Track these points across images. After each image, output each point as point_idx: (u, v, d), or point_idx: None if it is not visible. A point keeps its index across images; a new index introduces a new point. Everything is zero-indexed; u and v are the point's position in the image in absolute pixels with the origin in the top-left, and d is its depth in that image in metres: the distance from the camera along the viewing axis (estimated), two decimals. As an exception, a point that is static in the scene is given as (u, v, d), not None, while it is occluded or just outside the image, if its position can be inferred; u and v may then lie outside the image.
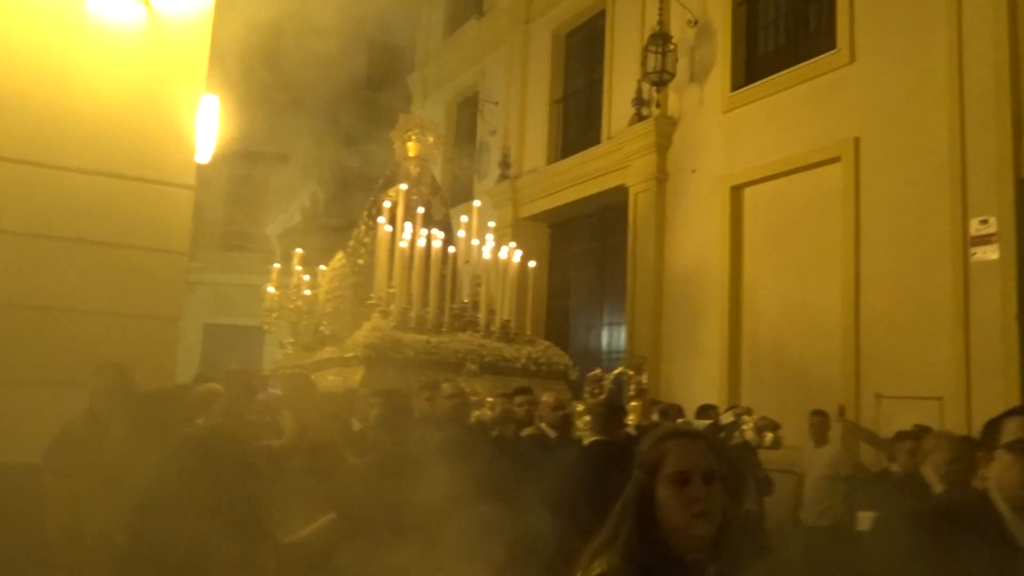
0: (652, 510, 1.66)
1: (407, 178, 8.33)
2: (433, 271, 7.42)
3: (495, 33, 13.93)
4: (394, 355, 6.79)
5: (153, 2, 4.70)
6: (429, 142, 8.88)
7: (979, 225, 6.55)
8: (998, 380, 6.22)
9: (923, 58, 7.14)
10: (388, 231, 7.50)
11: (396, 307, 7.21)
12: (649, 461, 1.71)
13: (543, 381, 6.97)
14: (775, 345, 8.37)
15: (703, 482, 1.65)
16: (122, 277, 4.37)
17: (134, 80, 4.58)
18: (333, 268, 8.11)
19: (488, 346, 7.37)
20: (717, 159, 9.18)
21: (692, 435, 1.77)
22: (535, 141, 12.60)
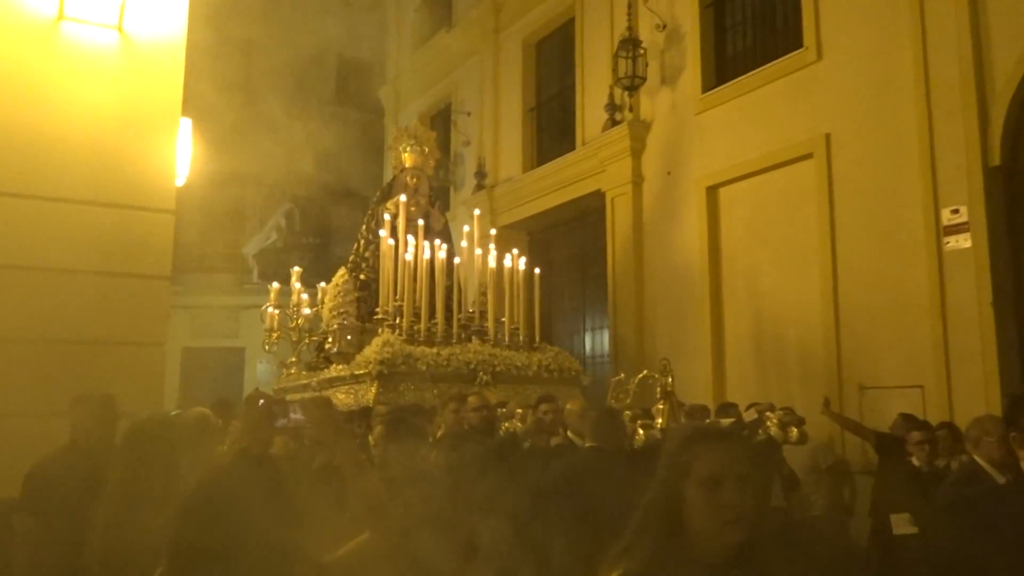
0: (679, 514, 1.59)
1: (404, 189, 8.33)
2: (438, 282, 7.45)
3: (465, 44, 13.98)
4: (407, 370, 6.83)
5: (126, 27, 4.69)
6: (424, 152, 8.86)
7: (951, 215, 6.67)
8: (977, 366, 6.34)
9: (889, 53, 7.28)
10: (391, 244, 7.49)
11: (404, 320, 7.22)
12: (679, 463, 1.62)
13: (556, 387, 7.00)
14: (758, 341, 8.46)
15: (736, 487, 1.57)
16: (106, 305, 4.34)
17: (110, 106, 4.56)
18: (335, 284, 8.09)
19: (499, 355, 7.41)
20: (692, 160, 9.28)
21: (725, 436, 1.69)
22: (510, 150, 12.65)
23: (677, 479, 1.62)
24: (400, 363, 6.80)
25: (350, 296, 7.91)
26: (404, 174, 8.70)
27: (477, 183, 12.84)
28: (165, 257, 4.75)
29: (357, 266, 8.51)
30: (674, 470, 1.63)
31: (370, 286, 8.21)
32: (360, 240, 8.80)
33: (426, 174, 8.87)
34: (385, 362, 6.72)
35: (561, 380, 7.60)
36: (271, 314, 8.58)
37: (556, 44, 12.30)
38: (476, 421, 4.62)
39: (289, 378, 8.50)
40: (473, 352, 7.26)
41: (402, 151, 8.84)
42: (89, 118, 4.50)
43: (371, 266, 8.30)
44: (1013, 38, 6.40)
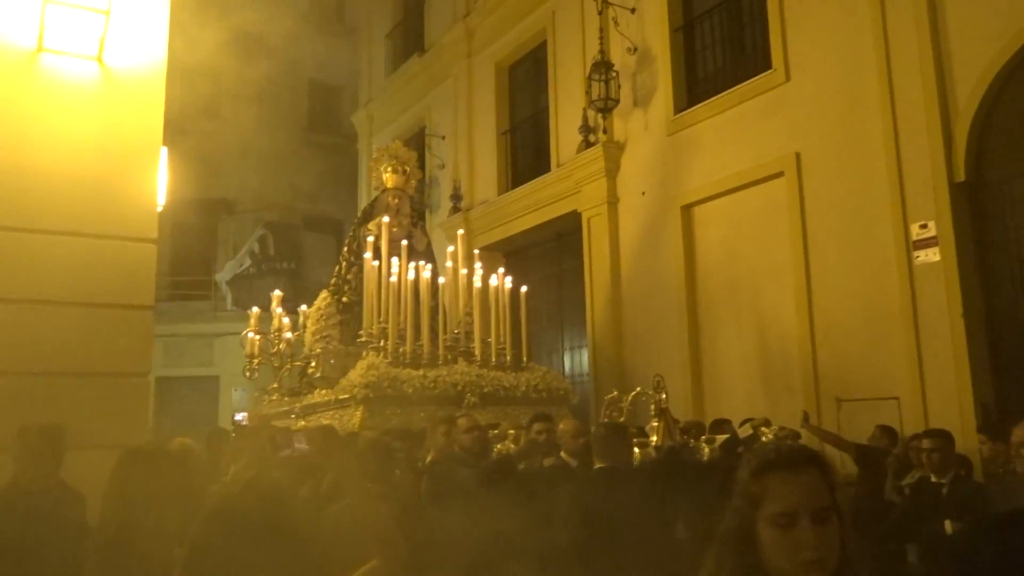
0: (754, 548, 1.45)
1: (386, 210, 8.22)
2: (423, 303, 7.35)
3: (438, 68, 14.10)
4: (393, 393, 6.70)
5: (106, 59, 4.69)
6: (405, 172, 8.78)
7: (919, 229, 6.85)
8: (950, 376, 6.49)
9: (855, 74, 7.48)
10: (375, 266, 7.38)
11: (390, 343, 7.09)
12: (750, 494, 1.48)
13: (545, 408, 6.87)
14: (736, 357, 8.57)
15: (813, 523, 1.41)
16: (89, 336, 4.30)
17: (91, 137, 4.55)
18: (317, 308, 7.97)
19: (486, 376, 7.30)
20: (666, 180, 9.42)
21: (798, 465, 1.48)
22: (485, 172, 12.74)
23: (749, 511, 1.47)
24: (386, 386, 6.68)
25: (333, 319, 7.83)
26: (385, 194, 8.61)
27: (453, 206, 12.90)
28: (148, 286, 4.71)
29: (339, 289, 8.41)
30: (746, 501, 1.48)
31: (353, 309, 8.09)
32: (342, 262, 8.69)
33: (408, 194, 8.79)
34: (371, 385, 6.61)
35: (550, 400, 7.51)
36: (251, 339, 8.42)
37: (529, 67, 12.45)
38: (468, 443, 4.54)
39: (271, 404, 8.37)
40: (460, 373, 7.15)
41: (383, 171, 8.76)
42: (70, 149, 4.48)
43: (354, 288, 8.19)
44: (973, 59, 6.62)
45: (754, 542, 1.45)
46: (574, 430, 4.82)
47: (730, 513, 1.51)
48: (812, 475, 1.46)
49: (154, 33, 4.96)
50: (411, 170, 8.86)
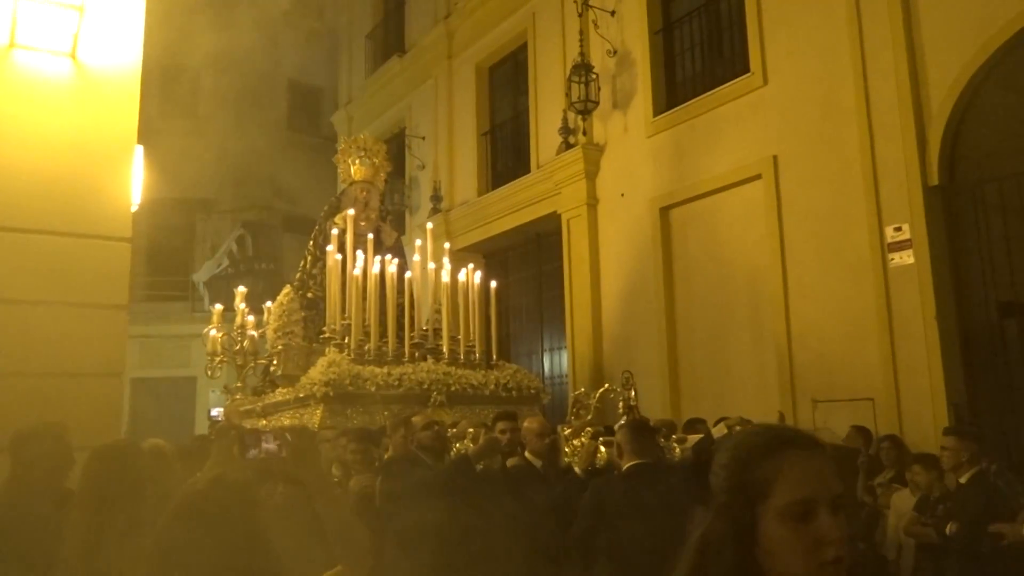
0: (752, 554, 1.17)
1: (354, 203, 7.99)
2: (389, 299, 7.10)
3: (419, 69, 14.08)
4: (355, 391, 6.47)
5: (80, 55, 4.63)
6: (375, 164, 8.51)
7: (894, 232, 6.93)
8: (924, 378, 6.57)
9: (832, 78, 7.56)
10: (338, 259, 7.13)
11: (352, 339, 6.84)
12: (751, 483, 1.20)
13: (515, 407, 6.61)
14: (712, 358, 8.62)
15: (834, 513, 1.16)
16: (62, 336, 4.25)
17: (64, 134, 4.49)
18: (280, 303, 7.66)
19: (454, 374, 7.06)
20: (644, 182, 9.47)
21: (812, 444, 1.24)
22: (465, 173, 12.74)
23: (747, 506, 1.19)
24: (347, 384, 6.44)
25: (296, 315, 7.52)
26: (353, 187, 8.38)
27: (433, 206, 12.88)
28: (122, 286, 4.66)
29: (304, 284, 8.17)
30: (743, 493, 1.20)
31: (318, 305, 7.84)
32: (307, 256, 8.43)
33: (377, 188, 8.55)
34: (331, 383, 6.36)
35: (520, 399, 7.30)
36: (213, 337, 8.22)
37: (509, 69, 12.47)
38: (426, 441, 4.25)
39: (235, 404, 8.08)
40: (426, 371, 6.92)
41: (350, 163, 8.50)
42: (43, 146, 4.43)
43: (319, 283, 7.95)
44: (948, 64, 6.72)
45: (750, 545, 1.17)
46: (539, 429, 4.68)
47: (715, 514, 1.23)
48: (825, 456, 1.22)
49: (129, 29, 4.91)
50: (380, 162, 8.58)
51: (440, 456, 4.30)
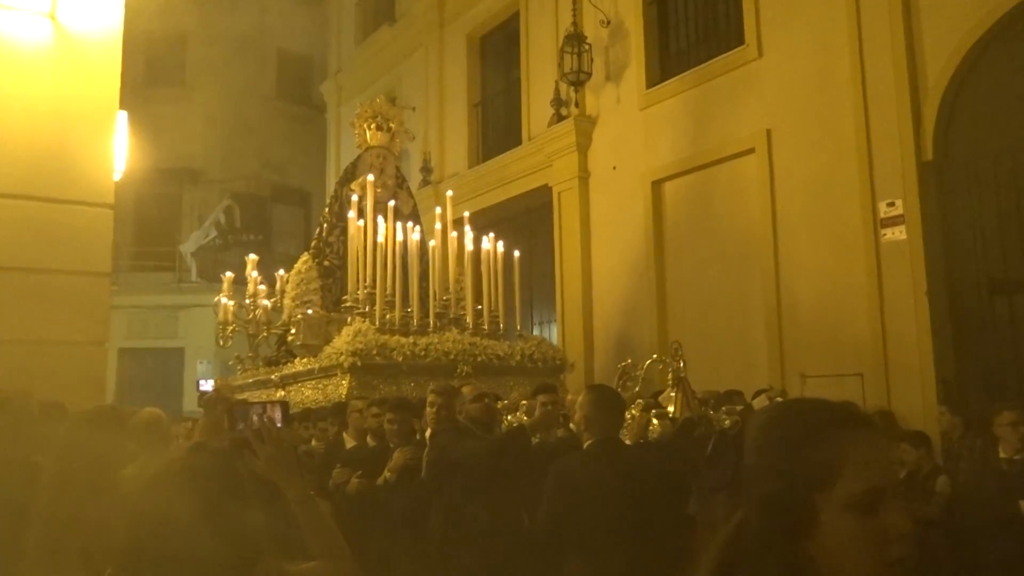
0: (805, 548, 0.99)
1: (370, 169, 7.75)
2: (412, 267, 6.93)
3: (409, 38, 13.88)
4: (382, 361, 6.32)
5: (60, 18, 4.51)
6: (390, 130, 8.30)
7: (887, 208, 6.89)
8: (913, 354, 6.57)
9: (827, 52, 7.47)
10: (359, 226, 6.91)
11: (378, 308, 6.66)
12: (809, 467, 1.01)
13: (540, 378, 6.43)
14: (703, 333, 8.60)
15: (902, 505, 1.02)
16: (44, 303, 4.18)
17: (45, 97, 4.39)
18: (298, 272, 7.51)
19: (479, 344, 6.90)
20: (637, 155, 9.39)
21: (872, 424, 1.08)
22: (456, 145, 12.61)
23: (803, 494, 1.00)
24: (375, 354, 6.28)
25: (314, 284, 7.42)
26: (368, 153, 8.12)
27: (423, 178, 12.76)
28: (105, 253, 4.59)
29: (320, 252, 7.95)
30: (798, 479, 1.01)
31: (335, 273, 7.72)
32: (323, 224, 8.23)
33: (392, 154, 8.31)
34: (358, 353, 6.20)
35: (545, 370, 7.14)
36: (225, 305, 8.05)
37: (501, 39, 12.30)
38: (476, 413, 4.12)
39: (247, 374, 8.01)
40: (452, 342, 6.74)
41: (365, 129, 8.25)
42: (23, 110, 4.33)
43: (336, 252, 7.80)
44: (943, 39, 6.64)
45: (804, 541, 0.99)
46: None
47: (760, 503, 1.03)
48: (886, 439, 1.09)
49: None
50: (396, 128, 8.37)
51: (489, 429, 4.19)
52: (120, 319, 15.71)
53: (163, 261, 17.74)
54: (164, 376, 16.80)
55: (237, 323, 8.06)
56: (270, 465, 1.83)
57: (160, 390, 15.68)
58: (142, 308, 16.60)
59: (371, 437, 4.86)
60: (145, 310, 16.73)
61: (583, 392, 3.62)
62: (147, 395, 13.34)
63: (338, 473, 4.48)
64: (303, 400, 6.75)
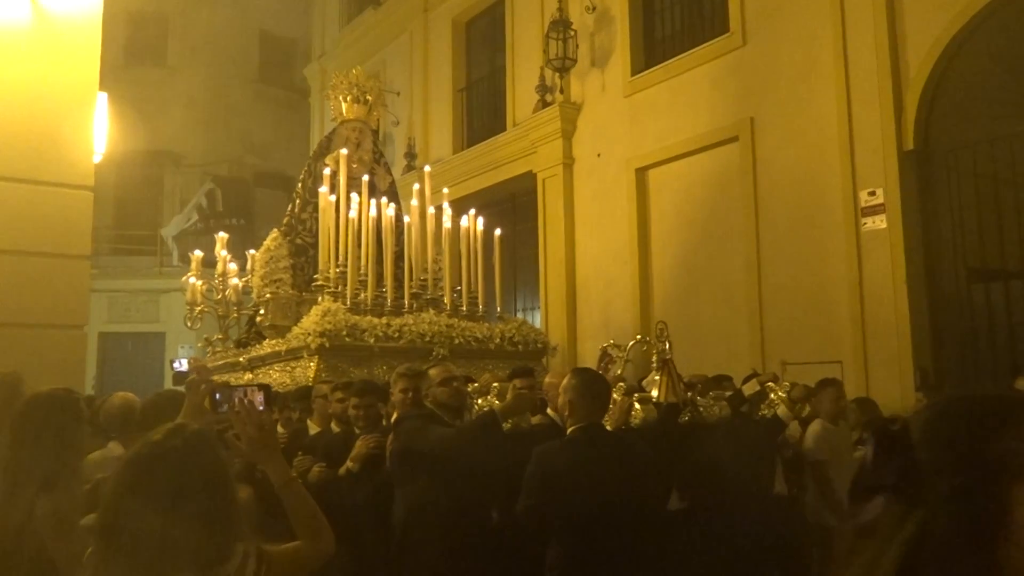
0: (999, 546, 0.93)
1: (345, 143, 7.41)
2: (387, 245, 6.63)
3: (394, 22, 13.78)
4: (352, 343, 6.03)
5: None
6: (367, 103, 7.90)
7: (868, 197, 6.95)
8: (892, 341, 6.65)
9: (810, 41, 7.50)
10: (331, 200, 6.59)
11: (349, 287, 6.35)
12: (998, 458, 0.95)
13: (521, 362, 6.15)
14: (686, 320, 8.63)
15: None
16: (22, 285, 4.14)
17: (24, 79, 4.33)
18: (267, 249, 7.17)
19: (457, 326, 6.60)
20: (621, 142, 9.39)
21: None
22: (440, 130, 12.56)
23: (1000, 485, 0.94)
24: (344, 335, 5.99)
25: (284, 262, 7.10)
26: (344, 127, 7.78)
27: (407, 163, 12.71)
28: (84, 236, 4.55)
29: (292, 229, 7.63)
30: (995, 469, 0.95)
31: (307, 252, 7.42)
32: (295, 200, 7.88)
33: (370, 127, 7.96)
34: (327, 334, 5.89)
35: (526, 354, 6.88)
36: (193, 285, 7.76)
37: (486, 24, 12.24)
38: (444, 397, 3.85)
39: (216, 356, 7.78)
40: (428, 323, 6.44)
41: (341, 100, 7.88)
42: (1, 91, 4.26)
43: (308, 229, 7.47)
44: (925, 29, 6.69)
45: (1001, 534, 0.93)
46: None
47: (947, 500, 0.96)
48: None
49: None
50: (374, 100, 8.00)
51: (458, 414, 3.94)
52: (100, 303, 15.58)
53: (144, 245, 17.58)
54: (145, 360, 16.68)
55: (206, 304, 7.80)
56: (252, 448, 1.84)
57: (140, 375, 15.58)
58: (123, 292, 16.47)
59: (336, 423, 4.65)
60: (126, 294, 16.60)
61: (568, 376, 3.46)
62: (127, 380, 13.23)
63: (299, 461, 4.26)
64: (271, 383, 6.42)
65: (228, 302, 7.83)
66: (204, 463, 1.54)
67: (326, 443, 4.43)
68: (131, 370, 15.97)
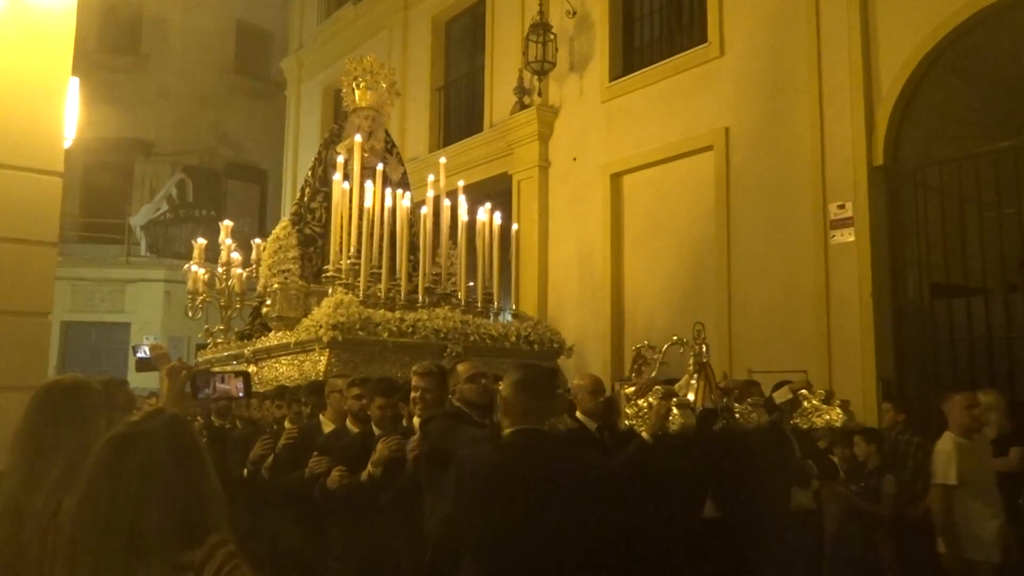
0: None
1: (358, 131, 7.17)
2: (400, 237, 6.43)
3: (373, 19, 13.72)
4: (365, 337, 5.85)
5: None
6: (382, 90, 7.65)
7: (837, 210, 7.07)
8: (856, 353, 6.76)
9: (786, 54, 7.61)
10: (345, 188, 6.38)
11: (362, 280, 6.18)
12: None
13: (537, 362, 5.96)
14: (656, 327, 8.72)
15: None
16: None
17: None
18: (276, 238, 6.93)
19: (472, 323, 6.42)
20: (597, 147, 9.45)
21: None
22: (417, 129, 12.53)
23: None
24: (358, 329, 5.79)
25: (292, 252, 6.87)
26: (356, 115, 7.53)
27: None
28: (52, 222, 4.45)
29: (301, 218, 7.40)
30: None
31: (316, 242, 7.19)
32: (305, 188, 7.67)
33: (382, 116, 7.74)
34: (339, 327, 5.71)
35: (542, 353, 6.72)
36: (195, 273, 7.52)
37: (466, 24, 12.24)
38: (471, 395, 3.61)
39: (218, 348, 7.54)
40: (442, 319, 6.25)
41: (354, 87, 7.62)
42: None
43: (318, 219, 7.26)
44: (897, 48, 6.82)
45: None
46: (591, 385, 3.95)
47: None
48: None
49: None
50: (388, 88, 7.75)
51: (487, 413, 3.70)
52: (64, 291, 15.30)
53: (112, 233, 17.30)
54: (108, 351, 16.41)
55: (208, 293, 7.54)
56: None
57: (104, 365, 15.32)
58: (88, 281, 16.19)
59: (352, 421, 4.39)
60: (91, 283, 16.32)
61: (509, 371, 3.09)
62: (90, 370, 12.98)
63: (315, 462, 4.12)
64: (277, 377, 6.32)
65: (231, 292, 7.59)
66: (180, 447, 1.54)
67: (344, 445, 4.20)
68: (94, 360, 15.71)
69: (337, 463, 4.02)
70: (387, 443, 3.79)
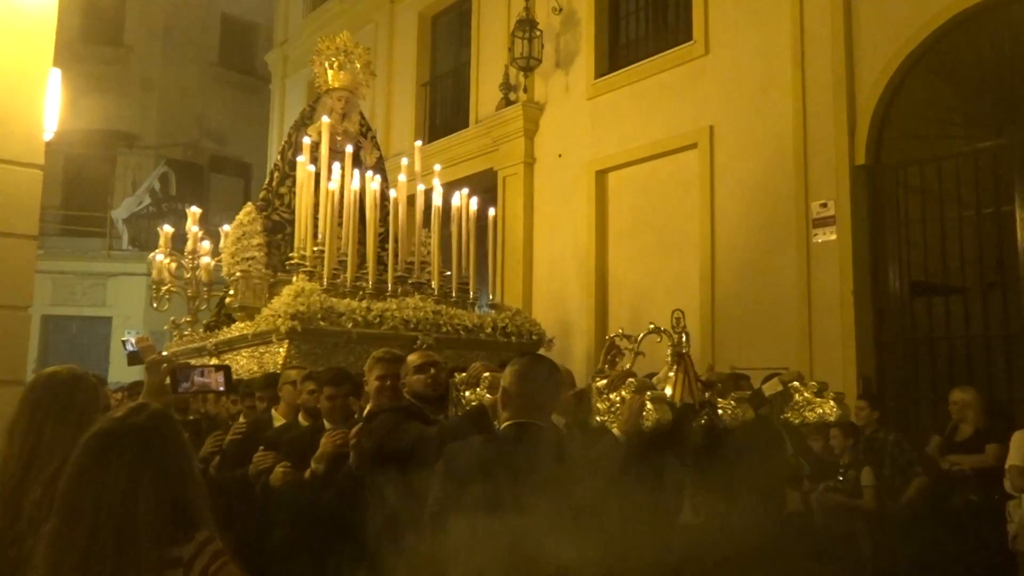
0: None
1: (329, 114, 6.94)
2: (370, 223, 6.18)
3: (359, 13, 13.66)
4: (328, 327, 5.58)
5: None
6: (357, 70, 7.34)
7: (820, 208, 7.13)
8: (836, 350, 6.83)
9: (770, 53, 7.66)
10: (311, 171, 6.12)
11: (326, 267, 5.92)
12: None
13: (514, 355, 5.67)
14: (639, 322, 8.73)
15: None
16: (-35, 264, 4.01)
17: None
18: (239, 223, 6.60)
19: (444, 313, 6.14)
20: (582, 144, 9.47)
21: None
22: (402, 124, 12.50)
23: None
24: (319, 319, 5.50)
25: (257, 239, 6.56)
26: (328, 96, 7.26)
27: (367, 156, 12.62)
28: (32, 215, 4.40)
29: (269, 203, 7.12)
30: None
31: (284, 228, 6.91)
32: (274, 173, 7.39)
33: (356, 98, 7.43)
34: (298, 316, 5.40)
35: (520, 345, 6.40)
36: (160, 263, 7.23)
37: (452, 19, 12.22)
38: (419, 386, 3.38)
39: (183, 340, 7.29)
40: (412, 308, 5.97)
41: (326, 67, 7.31)
42: (-52, 60, 4.13)
43: (286, 204, 7.00)
44: (879, 48, 6.88)
45: None
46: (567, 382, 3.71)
47: None
48: None
49: (48, -58, 4.59)
50: (362, 69, 7.42)
51: (440, 407, 3.49)
52: (45, 285, 15.16)
53: (93, 227, 17.15)
54: (89, 345, 16.29)
55: (174, 283, 7.24)
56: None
57: (85, 359, 15.19)
58: (69, 274, 16.05)
59: (304, 415, 4.22)
60: (72, 276, 16.18)
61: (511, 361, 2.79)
62: (71, 364, 12.87)
63: (260, 457, 3.90)
64: (238, 370, 6.08)
65: (198, 282, 7.29)
66: (165, 442, 1.54)
67: (291, 439, 3.97)
68: (75, 354, 15.56)
69: (284, 459, 3.81)
70: (331, 437, 3.55)
